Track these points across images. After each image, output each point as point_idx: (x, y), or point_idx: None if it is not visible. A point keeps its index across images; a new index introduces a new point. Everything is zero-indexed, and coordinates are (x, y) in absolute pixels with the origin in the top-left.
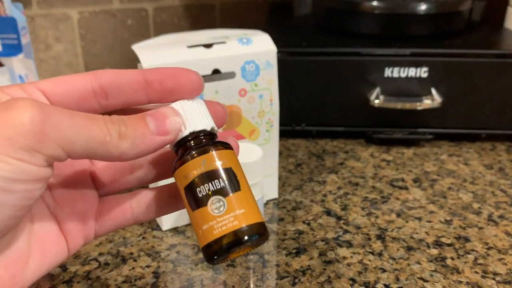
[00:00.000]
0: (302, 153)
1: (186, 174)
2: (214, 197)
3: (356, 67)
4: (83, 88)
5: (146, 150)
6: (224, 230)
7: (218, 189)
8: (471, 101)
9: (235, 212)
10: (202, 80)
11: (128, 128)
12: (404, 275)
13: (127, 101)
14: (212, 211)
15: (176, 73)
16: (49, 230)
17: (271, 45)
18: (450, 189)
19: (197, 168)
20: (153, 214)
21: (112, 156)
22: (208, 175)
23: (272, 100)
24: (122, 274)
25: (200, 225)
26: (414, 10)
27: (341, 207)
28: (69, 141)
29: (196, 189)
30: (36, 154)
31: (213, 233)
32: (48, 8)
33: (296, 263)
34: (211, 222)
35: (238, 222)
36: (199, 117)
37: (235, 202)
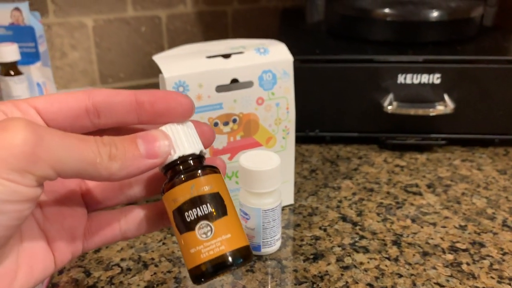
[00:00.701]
0: (316, 159)
1: (174, 198)
2: (202, 222)
3: (370, 74)
4: (76, 107)
5: (135, 172)
6: (211, 254)
7: (206, 214)
8: (483, 107)
9: (222, 237)
10: (192, 103)
11: (118, 150)
12: (420, 280)
13: (119, 121)
14: (199, 235)
15: (167, 96)
16: (38, 246)
17: (287, 55)
18: (464, 194)
19: (185, 193)
20: (141, 231)
21: (101, 176)
22: (196, 200)
23: (288, 108)
24: (144, 279)
25: (188, 248)
26: (426, 17)
27: (357, 213)
28: (60, 162)
29: (184, 213)
30: (27, 175)
31: (201, 257)
32: (64, 16)
33: (314, 269)
34: (199, 247)
35: (224, 247)
36: (188, 141)
37: (222, 227)
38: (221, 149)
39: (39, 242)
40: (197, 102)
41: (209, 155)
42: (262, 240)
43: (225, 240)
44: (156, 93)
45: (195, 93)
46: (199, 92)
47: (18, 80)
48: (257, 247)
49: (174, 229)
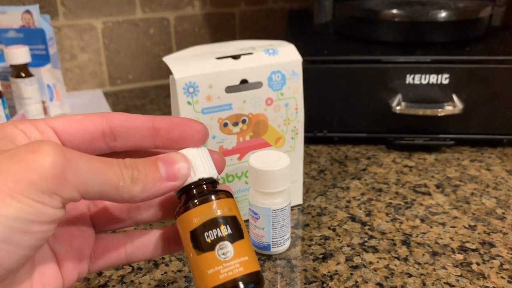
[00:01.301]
0: (324, 159)
1: (192, 218)
2: (222, 243)
3: (378, 74)
4: (93, 130)
5: (155, 194)
6: (230, 275)
7: (227, 235)
8: (492, 107)
9: (241, 259)
10: (207, 130)
11: (140, 173)
12: (430, 279)
13: (135, 145)
14: (219, 256)
15: (184, 124)
16: (49, 265)
17: (296, 55)
18: (473, 194)
19: (205, 213)
20: (146, 256)
21: (123, 199)
22: (217, 221)
23: (298, 109)
24: (155, 279)
25: (205, 269)
26: (434, 18)
27: (366, 213)
28: (86, 184)
29: (204, 233)
30: (55, 197)
31: (219, 277)
32: (73, 19)
33: (323, 268)
34: (218, 267)
35: (243, 268)
36: (204, 165)
37: (240, 249)
38: (231, 149)
39: (50, 262)
40: (207, 103)
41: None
42: (271, 239)
43: (243, 262)
44: (173, 119)
45: (205, 94)
46: (209, 92)
47: (28, 82)
48: (266, 246)
49: (189, 250)
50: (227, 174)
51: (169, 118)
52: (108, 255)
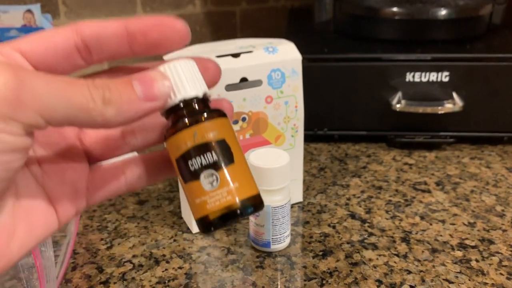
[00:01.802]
0: (324, 157)
1: (177, 145)
2: (206, 171)
3: (378, 72)
4: (65, 45)
5: (132, 117)
6: (217, 205)
7: (211, 163)
8: (492, 105)
9: (229, 187)
10: (188, 28)
11: (113, 93)
12: (429, 276)
13: (112, 55)
14: (204, 185)
15: (160, 23)
16: (36, 202)
17: (296, 54)
18: (472, 192)
19: (188, 139)
20: (147, 181)
21: (96, 123)
22: (200, 148)
23: (297, 107)
24: (156, 275)
25: (193, 197)
26: (434, 16)
27: (365, 210)
28: (48, 108)
29: (188, 161)
30: (12, 122)
31: (207, 208)
32: (75, 18)
33: (323, 265)
34: (204, 197)
35: (231, 197)
36: (190, 81)
37: (229, 176)
38: None
39: (37, 198)
40: None
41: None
42: (271, 236)
43: (232, 190)
44: (148, 20)
45: None
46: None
47: None
48: (266, 243)
49: (179, 178)
50: None
51: (144, 19)
52: (106, 185)
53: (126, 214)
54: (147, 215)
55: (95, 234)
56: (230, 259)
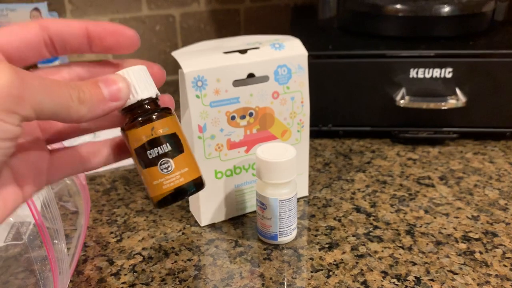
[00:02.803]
0: (329, 152)
1: (136, 137)
2: (163, 159)
3: (382, 69)
4: (36, 39)
5: (100, 114)
6: (172, 186)
7: (166, 152)
8: (495, 100)
9: (181, 171)
10: (138, 36)
11: (86, 94)
12: (434, 268)
13: (73, 51)
14: (161, 170)
15: (115, 31)
16: (8, 181)
17: (302, 50)
18: (476, 186)
19: (146, 134)
20: (102, 163)
21: (72, 119)
22: (157, 140)
23: (303, 102)
24: (165, 267)
25: (151, 180)
26: (438, 12)
27: (370, 204)
28: (40, 104)
29: (147, 151)
30: (13, 115)
31: (163, 188)
32: (81, 16)
33: (329, 257)
34: (161, 179)
35: (183, 179)
36: (144, 84)
37: (180, 162)
38: (238, 142)
39: (9, 178)
40: (215, 96)
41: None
42: (278, 229)
43: (184, 173)
44: (106, 26)
45: (213, 88)
46: (217, 86)
47: None
48: (273, 236)
49: (137, 165)
50: (235, 166)
51: (102, 25)
52: (64, 167)
53: (135, 208)
54: (156, 209)
55: (104, 228)
56: (238, 251)
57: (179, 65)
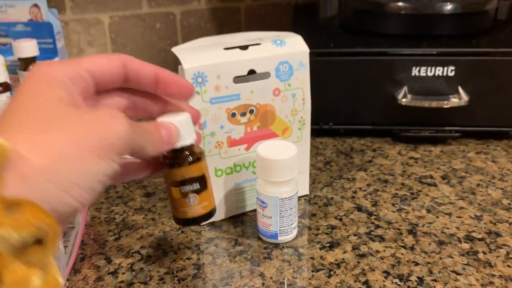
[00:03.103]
0: (330, 151)
1: (175, 176)
2: (192, 195)
3: (384, 67)
4: (117, 72)
5: (157, 153)
6: (193, 214)
7: (195, 189)
8: (497, 99)
9: (202, 204)
10: (194, 88)
11: (153, 138)
12: (437, 268)
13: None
14: (189, 202)
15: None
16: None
17: (304, 46)
18: (479, 185)
19: (183, 175)
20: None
21: (142, 156)
22: (190, 180)
23: (305, 99)
24: (164, 266)
25: (178, 207)
26: (440, 10)
27: (372, 203)
28: (136, 146)
29: (181, 187)
30: (118, 157)
31: (186, 215)
32: (81, 13)
33: (330, 257)
34: (186, 208)
35: (203, 210)
36: (188, 132)
37: (204, 197)
38: (238, 139)
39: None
40: (215, 93)
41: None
42: (279, 228)
43: (204, 206)
44: (171, 77)
45: (213, 84)
46: (217, 83)
47: None
48: (274, 235)
49: (170, 192)
50: (235, 164)
51: (168, 74)
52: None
53: (134, 206)
54: (155, 207)
55: (103, 226)
56: (237, 250)
57: (179, 61)
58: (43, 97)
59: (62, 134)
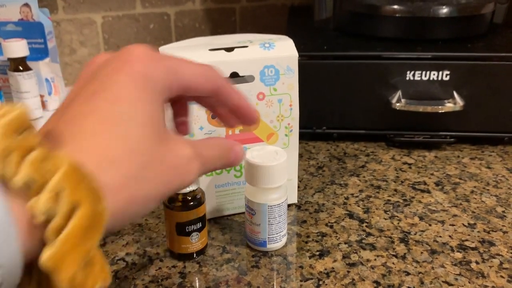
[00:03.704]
0: (323, 155)
1: (181, 217)
2: (194, 233)
3: (378, 71)
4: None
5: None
6: (193, 249)
7: (198, 228)
8: (493, 104)
9: (201, 240)
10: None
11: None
12: (428, 278)
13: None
14: (191, 239)
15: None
16: None
17: (292, 51)
18: (473, 192)
19: (189, 217)
20: None
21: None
22: (195, 221)
23: (292, 105)
24: (149, 274)
25: (180, 243)
26: (435, 14)
27: (364, 210)
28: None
29: (186, 226)
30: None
31: (187, 250)
32: (73, 13)
33: (320, 265)
34: (188, 245)
35: (201, 245)
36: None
37: (203, 234)
38: None
39: None
40: None
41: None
42: (267, 235)
43: (203, 241)
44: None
45: None
46: None
47: (27, 75)
48: (262, 242)
49: (172, 230)
50: None
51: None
52: None
53: None
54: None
55: None
56: (225, 258)
57: None
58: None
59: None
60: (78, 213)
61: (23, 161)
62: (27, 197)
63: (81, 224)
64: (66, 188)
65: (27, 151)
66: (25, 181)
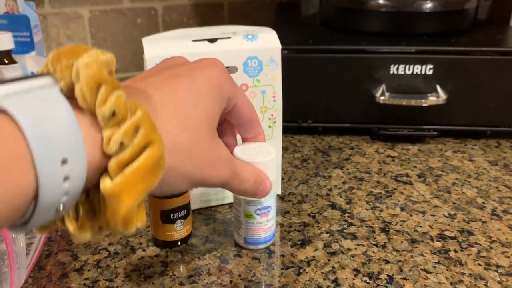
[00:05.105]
0: (308, 149)
1: (165, 205)
2: (179, 220)
3: (362, 64)
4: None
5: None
6: (178, 237)
7: (183, 216)
8: (476, 98)
9: (186, 228)
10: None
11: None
12: (407, 266)
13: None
14: (176, 227)
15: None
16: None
17: (276, 42)
18: (454, 184)
19: (174, 203)
20: None
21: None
22: (179, 208)
23: (275, 97)
24: (131, 263)
25: (164, 231)
26: (420, 8)
27: (346, 201)
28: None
29: (171, 214)
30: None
31: (172, 237)
32: (60, 7)
33: (301, 254)
34: (173, 232)
35: (186, 233)
36: None
37: (187, 222)
38: None
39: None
40: None
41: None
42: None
43: (187, 229)
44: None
45: None
46: None
47: (12, 69)
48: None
49: (156, 218)
50: None
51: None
52: None
53: None
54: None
55: None
56: (207, 247)
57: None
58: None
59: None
60: (149, 151)
61: (111, 93)
62: (106, 126)
63: (150, 162)
64: (144, 126)
65: (114, 88)
66: (112, 110)
